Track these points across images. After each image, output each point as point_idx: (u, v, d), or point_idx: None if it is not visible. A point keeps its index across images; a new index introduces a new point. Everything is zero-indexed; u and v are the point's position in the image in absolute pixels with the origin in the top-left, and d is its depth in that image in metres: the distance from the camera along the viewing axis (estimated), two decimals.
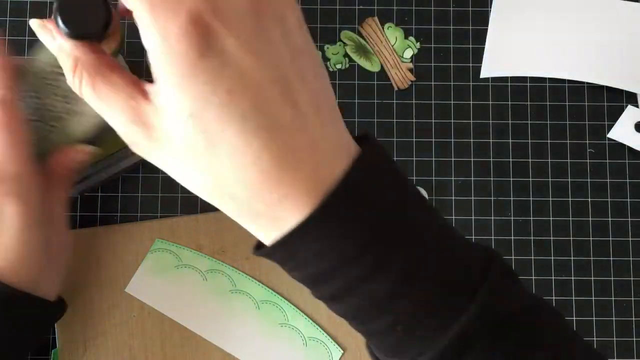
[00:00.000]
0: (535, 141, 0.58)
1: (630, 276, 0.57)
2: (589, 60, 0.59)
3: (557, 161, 0.58)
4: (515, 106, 0.59)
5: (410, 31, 0.60)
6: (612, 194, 0.58)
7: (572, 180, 0.58)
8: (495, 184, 0.58)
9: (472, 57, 0.59)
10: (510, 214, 0.57)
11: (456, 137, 0.58)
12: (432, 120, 0.58)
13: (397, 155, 0.58)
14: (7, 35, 0.58)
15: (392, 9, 0.60)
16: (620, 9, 0.60)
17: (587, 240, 0.57)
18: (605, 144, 0.58)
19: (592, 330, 0.56)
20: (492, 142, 0.58)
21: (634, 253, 0.57)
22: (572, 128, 0.58)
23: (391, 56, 0.59)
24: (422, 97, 0.59)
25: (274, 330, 0.54)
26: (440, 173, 0.58)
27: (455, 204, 0.57)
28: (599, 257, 0.57)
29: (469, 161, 0.58)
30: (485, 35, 0.59)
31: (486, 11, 0.60)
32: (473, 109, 0.59)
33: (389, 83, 0.59)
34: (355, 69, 0.59)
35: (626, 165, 0.58)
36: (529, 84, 0.59)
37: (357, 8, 0.60)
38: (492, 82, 0.59)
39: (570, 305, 0.56)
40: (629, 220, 0.57)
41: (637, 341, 0.56)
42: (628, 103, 0.59)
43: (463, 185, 0.58)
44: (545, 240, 0.57)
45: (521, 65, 0.59)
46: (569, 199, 0.57)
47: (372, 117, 0.58)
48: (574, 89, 0.59)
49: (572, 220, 0.57)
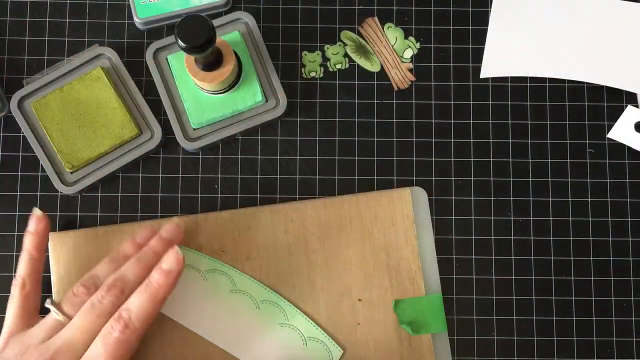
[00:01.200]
0: (535, 141, 0.58)
1: (630, 276, 0.57)
2: (589, 60, 0.59)
3: (557, 161, 0.58)
4: (515, 106, 0.59)
5: (410, 31, 0.60)
6: (612, 194, 0.58)
7: (572, 180, 0.58)
8: (495, 184, 0.58)
9: (472, 57, 0.59)
10: (510, 214, 0.57)
11: (456, 137, 0.58)
12: (432, 120, 0.58)
13: (397, 155, 0.58)
14: (7, 35, 0.59)
15: (392, 9, 0.60)
16: (620, 9, 0.60)
17: (587, 240, 0.57)
18: (605, 144, 0.58)
19: (592, 330, 0.56)
20: (492, 142, 0.58)
21: (634, 253, 0.57)
22: (572, 128, 0.58)
23: (391, 56, 0.59)
24: (422, 97, 0.59)
25: (274, 330, 0.54)
26: (440, 173, 0.58)
27: (455, 204, 0.57)
28: (599, 257, 0.57)
29: (469, 161, 0.58)
30: (485, 35, 0.59)
31: (486, 11, 0.60)
32: (473, 109, 0.59)
33: (389, 83, 0.59)
34: (355, 69, 0.59)
35: (626, 165, 0.58)
36: (529, 84, 0.59)
37: (357, 8, 0.60)
38: (492, 82, 0.59)
39: (570, 305, 0.56)
40: (629, 220, 0.57)
41: (637, 341, 0.56)
42: (628, 103, 0.59)
43: (463, 185, 0.58)
44: (545, 240, 0.57)
45: (521, 65, 0.59)
46: (569, 199, 0.58)
47: (372, 117, 0.58)
48: (574, 89, 0.59)
49: (572, 220, 0.57)
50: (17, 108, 0.56)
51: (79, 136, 0.55)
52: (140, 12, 0.58)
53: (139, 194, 0.57)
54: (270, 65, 0.57)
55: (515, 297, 0.56)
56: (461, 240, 0.57)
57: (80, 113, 0.56)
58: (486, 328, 0.56)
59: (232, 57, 0.53)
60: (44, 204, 0.57)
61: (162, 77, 0.57)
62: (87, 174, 0.56)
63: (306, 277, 0.55)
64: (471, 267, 0.57)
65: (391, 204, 0.56)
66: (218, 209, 0.57)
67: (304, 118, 0.58)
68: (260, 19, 0.59)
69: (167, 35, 0.59)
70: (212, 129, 0.57)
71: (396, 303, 0.55)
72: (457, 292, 0.56)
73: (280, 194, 0.57)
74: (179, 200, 0.57)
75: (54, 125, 0.55)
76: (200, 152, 0.58)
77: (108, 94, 0.56)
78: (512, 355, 0.56)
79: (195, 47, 0.48)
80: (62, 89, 0.56)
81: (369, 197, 0.56)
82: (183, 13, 0.58)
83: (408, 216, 0.56)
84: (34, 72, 0.58)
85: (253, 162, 0.58)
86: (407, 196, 0.56)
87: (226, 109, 0.56)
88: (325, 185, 0.57)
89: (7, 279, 0.56)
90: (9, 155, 0.57)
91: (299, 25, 0.59)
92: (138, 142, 0.56)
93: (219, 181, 0.57)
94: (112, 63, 0.57)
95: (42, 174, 0.57)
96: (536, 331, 0.56)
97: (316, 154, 0.58)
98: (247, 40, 0.58)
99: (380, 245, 0.55)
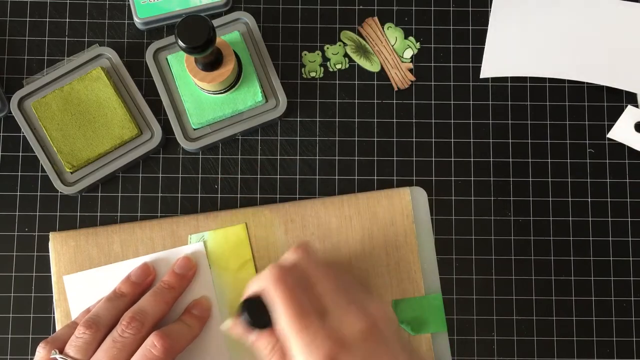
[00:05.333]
0: (535, 141, 0.58)
1: (630, 276, 0.57)
2: (589, 60, 0.59)
3: (557, 161, 0.58)
4: (515, 106, 0.59)
5: (410, 31, 0.60)
6: (612, 194, 0.58)
7: (572, 180, 0.58)
8: (495, 184, 0.58)
9: (472, 57, 0.59)
10: (510, 214, 0.57)
11: (456, 137, 0.58)
12: (432, 121, 0.58)
13: (397, 155, 0.58)
14: (7, 35, 0.59)
15: (392, 9, 0.60)
16: (620, 9, 0.60)
17: (587, 240, 0.57)
18: (605, 144, 0.58)
19: (592, 330, 0.56)
20: (492, 142, 0.58)
21: (634, 253, 0.57)
22: (572, 128, 0.58)
23: (391, 56, 0.59)
24: (422, 97, 0.59)
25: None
26: (440, 173, 0.58)
27: (455, 204, 0.57)
28: (599, 257, 0.57)
29: (469, 161, 0.58)
30: (485, 35, 0.59)
31: (486, 11, 0.60)
32: (473, 109, 0.59)
33: (389, 83, 0.59)
34: (355, 69, 0.59)
35: (626, 165, 0.58)
36: (529, 84, 0.59)
37: (357, 8, 0.60)
38: (492, 82, 0.59)
39: (570, 305, 0.56)
40: (629, 220, 0.57)
41: (637, 341, 0.56)
42: (628, 103, 0.59)
43: (463, 185, 0.58)
44: (545, 240, 0.57)
45: (521, 65, 0.59)
46: (569, 199, 0.58)
47: (372, 117, 0.58)
48: (574, 89, 0.59)
49: (572, 220, 0.57)
50: (17, 108, 0.56)
51: (79, 136, 0.55)
52: (140, 12, 0.58)
53: (139, 194, 0.57)
54: (270, 65, 0.57)
55: (515, 297, 0.56)
56: (461, 240, 0.57)
57: (80, 113, 0.56)
58: (486, 328, 0.56)
59: (232, 57, 0.53)
60: (44, 204, 0.57)
61: (162, 77, 0.57)
62: (87, 174, 0.56)
63: None
64: (471, 267, 0.57)
65: (391, 204, 0.56)
66: (218, 209, 0.57)
67: (304, 118, 0.58)
68: (260, 19, 0.59)
69: (167, 35, 0.59)
70: (212, 129, 0.57)
71: (396, 303, 0.55)
72: (457, 292, 0.56)
73: (280, 194, 0.57)
74: (179, 200, 0.57)
75: (54, 125, 0.55)
76: (200, 152, 0.58)
77: (108, 94, 0.56)
78: (512, 355, 0.56)
79: (195, 47, 0.48)
80: (63, 89, 0.56)
81: (368, 196, 0.56)
82: (183, 13, 0.58)
83: (408, 216, 0.56)
84: (34, 72, 0.58)
85: (253, 162, 0.58)
86: (407, 196, 0.56)
87: (226, 109, 0.56)
88: (325, 185, 0.57)
89: (8, 279, 0.56)
90: (9, 155, 0.57)
91: (299, 25, 0.59)
92: (138, 142, 0.56)
93: (219, 181, 0.57)
94: (112, 63, 0.57)
95: (42, 174, 0.57)
96: (536, 331, 0.56)
97: (316, 154, 0.58)
98: (247, 40, 0.58)
99: (380, 245, 0.55)
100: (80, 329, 0.49)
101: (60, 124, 0.56)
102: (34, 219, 0.57)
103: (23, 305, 0.56)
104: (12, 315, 0.56)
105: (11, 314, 0.56)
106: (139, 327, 0.48)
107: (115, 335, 0.48)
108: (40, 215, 0.57)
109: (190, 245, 0.55)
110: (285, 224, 0.55)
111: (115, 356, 0.47)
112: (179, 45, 0.48)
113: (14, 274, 0.56)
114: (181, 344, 0.50)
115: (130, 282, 0.52)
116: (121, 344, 0.48)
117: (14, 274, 0.56)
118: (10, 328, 0.55)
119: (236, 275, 0.54)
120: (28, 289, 0.56)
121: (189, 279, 0.53)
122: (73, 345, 0.48)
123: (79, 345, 0.48)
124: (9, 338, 0.55)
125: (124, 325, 0.48)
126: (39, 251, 0.56)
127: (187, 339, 0.51)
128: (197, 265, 0.54)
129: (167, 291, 0.52)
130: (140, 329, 0.48)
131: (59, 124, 0.56)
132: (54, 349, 0.48)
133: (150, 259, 0.54)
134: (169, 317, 0.53)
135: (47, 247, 0.56)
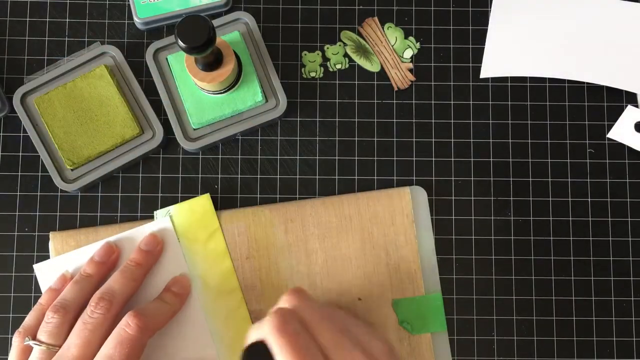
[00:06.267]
0: (535, 141, 0.58)
1: (630, 276, 0.57)
2: (589, 60, 0.59)
3: (557, 161, 0.58)
4: (515, 106, 0.59)
5: (410, 31, 0.60)
6: (612, 194, 0.58)
7: (572, 180, 0.58)
8: (495, 184, 0.58)
9: (472, 57, 0.59)
10: (510, 214, 0.57)
11: (456, 137, 0.58)
12: (432, 121, 0.58)
13: (397, 155, 0.58)
14: (7, 35, 0.59)
15: (392, 9, 0.60)
16: (620, 9, 0.60)
17: (587, 240, 0.57)
18: (605, 144, 0.58)
19: (592, 330, 0.56)
20: (492, 142, 0.58)
21: (634, 253, 0.57)
22: (572, 128, 0.58)
23: (391, 56, 0.59)
24: (422, 97, 0.59)
25: None
26: (440, 173, 0.58)
27: (455, 204, 0.57)
28: (599, 257, 0.57)
29: (469, 161, 0.58)
30: (485, 35, 0.59)
31: (486, 11, 0.60)
32: (473, 109, 0.59)
33: (389, 83, 0.59)
34: (355, 69, 0.59)
35: (626, 165, 0.58)
36: (529, 84, 0.59)
37: (357, 8, 0.60)
38: (492, 82, 0.59)
39: (570, 305, 0.56)
40: (629, 220, 0.57)
41: (637, 341, 0.56)
42: (628, 103, 0.59)
43: (463, 185, 0.58)
44: (545, 240, 0.57)
45: (521, 65, 0.59)
46: (569, 199, 0.58)
47: (372, 117, 0.58)
48: (574, 89, 0.59)
49: (572, 220, 0.57)
50: (20, 104, 0.56)
51: (80, 133, 0.56)
52: (140, 12, 0.58)
53: (139, 193, 0.57)
54: (270, 65, 0.57)
55: (515, 297, 0.56)
56: (461, 240, 0.57)
57: (82, 110, 0.56)
58: (486, 328, 0.56)
59: (232, 57, 0.53)
60: (44, 203, 0.57)
61: (162, 77, 0.57)
62: (87, 171, 0.56)
63: (306, 277, 0.55)
64: (471, 267, 0.57)
65: (391, 204, 0.56)
66: (218, 209, 0.57)
67: (304, 118, 0.58)
68: (260, 19, 0.59)
69: (167, 35, 0.59)
70: (212, 129, 0.57)
71: (396, 302, 0.55)
72: (457, 292, 0.56)
73: (280, 194, 0.57)
74: (179, 200, 0.57)
75: (56, 121, 0.56)
76: (200, 152, 0.58)
77: (111, 92, 0.56)
78: (512, 355, 0.56)
79: (195, 47, 0.48)
80: (65, 85, 0.56)
81: (368, 196, 0.56)
82: (183, 13, 0.58)
83: (408, 215, 0.56)
84: (34, 72, 0.58)
85: (253, 162, 0.58)
86: (406, 196, 0.56)
87: (226, 109, 0.56)
88: (325, 185, 0.57)
89: (8, 279, 0.56)
90: (9, 155, 0.57)
91: (299, 25, 0.59)
92: (139, 142, 0.56)
93: (219, 181, 0.57)
94: (116, 61, 0.57)
95: (42, 174, 0.57)
96: (536, 331, 0.56)
97: (316, 154, 0.58)
98: (247, 40, 0.58)
99: (379, 245, 0.55)
100: (49, 313, 0.49)
101: (62, 121, 0.56)
102: (34, 219, 0.57)
103: (23, 305, 0.56)
104: (12, 315, 0.56)
105: (11, 314, 0.56)
106: (108, 306, 0.48)
107: (85, 317, 0.48)
108: (40, 215, 0.57)
109: (156, 221, 0.55)
110: (285, 223, 0.55)
111: (87, 337, 0.47)
112: (179, 45, 0.48)
113: (14, 274, 0.56)
114: (158, 322, 0.50)
115: (95, 262, 0.52)
116: (92, 325, 0.48)
117: (14, 274, 0.56)
118: (11, 328, 0.55)
119: (206, 246, 0.55)
120: (28, 289, 0.56)
121: (156, 255, 0.53)
122: (44, 331, 0.48)
123: (49, 330, 0.48)
124: (9, 338, 0.55)
125: (92, 306, 0.48)
126: (39, 251, 0.56)
127: (165, 317, 0.51)
128: (163, 242, 0.54)
129: (134, 268, 0.52)
130: (109, 308, 0.48)
131: (61, 121, 0.56)
132: (26, 336, 0.49)
133: (115, 238, 0.54)
134: (148, 296, 0.53)
135: (47, 247, 0.56)
